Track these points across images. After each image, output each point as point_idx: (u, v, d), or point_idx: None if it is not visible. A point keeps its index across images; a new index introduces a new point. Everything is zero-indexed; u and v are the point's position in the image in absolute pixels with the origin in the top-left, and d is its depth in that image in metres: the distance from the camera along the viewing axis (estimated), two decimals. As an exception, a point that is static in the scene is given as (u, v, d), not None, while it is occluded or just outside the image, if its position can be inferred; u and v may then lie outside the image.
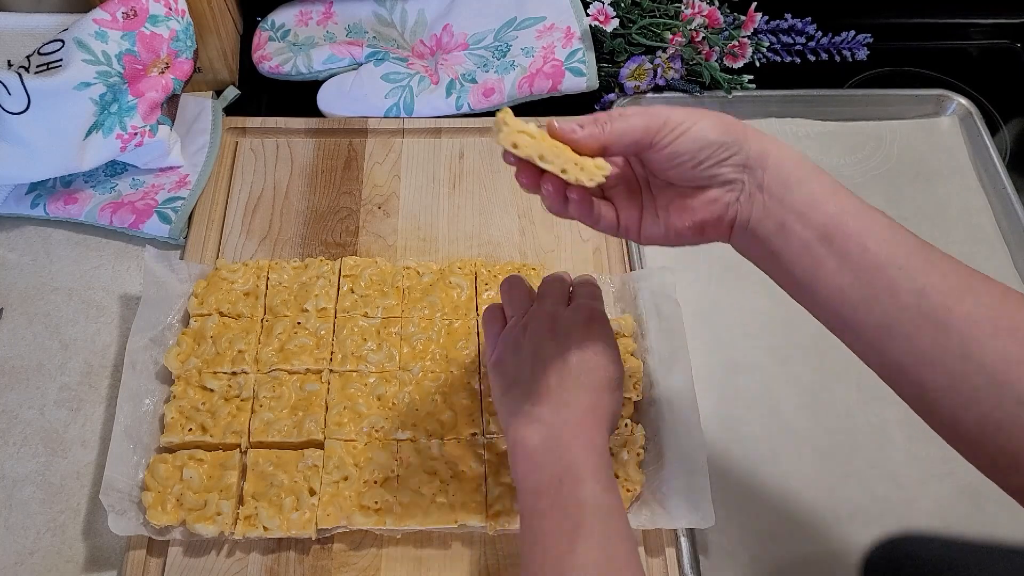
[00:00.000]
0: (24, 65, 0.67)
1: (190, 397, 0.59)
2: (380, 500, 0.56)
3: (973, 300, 0.38)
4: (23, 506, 0.59)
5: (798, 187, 0.42)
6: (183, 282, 0.65)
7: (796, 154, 0.43)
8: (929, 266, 0.39)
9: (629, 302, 0.66)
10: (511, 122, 0.42)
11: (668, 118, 0.42)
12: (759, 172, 0.42)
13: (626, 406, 0.61)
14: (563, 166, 0.42)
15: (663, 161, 0.43)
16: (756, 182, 0.43)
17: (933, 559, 0.55)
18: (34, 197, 0.71)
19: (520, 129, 0.42)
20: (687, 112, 0.43)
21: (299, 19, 0.85)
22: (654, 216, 0.46)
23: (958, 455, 0.63)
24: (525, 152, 0.42)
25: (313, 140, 0.77)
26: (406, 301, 0.65)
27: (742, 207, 0.43)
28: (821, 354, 0.67)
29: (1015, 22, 0.95)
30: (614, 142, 0.43)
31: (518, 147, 0.42)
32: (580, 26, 0.80)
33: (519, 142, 0.42)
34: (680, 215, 0.45)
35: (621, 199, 0.47)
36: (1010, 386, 0.36)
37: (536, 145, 0.42)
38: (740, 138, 0.42)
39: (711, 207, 0.44)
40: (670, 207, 0.45)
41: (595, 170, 0.42)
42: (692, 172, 0.43)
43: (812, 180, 0.42)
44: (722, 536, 0.59)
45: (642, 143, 0.43)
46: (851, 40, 0.86)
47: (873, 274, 0.40)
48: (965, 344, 0.37)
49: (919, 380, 0.39)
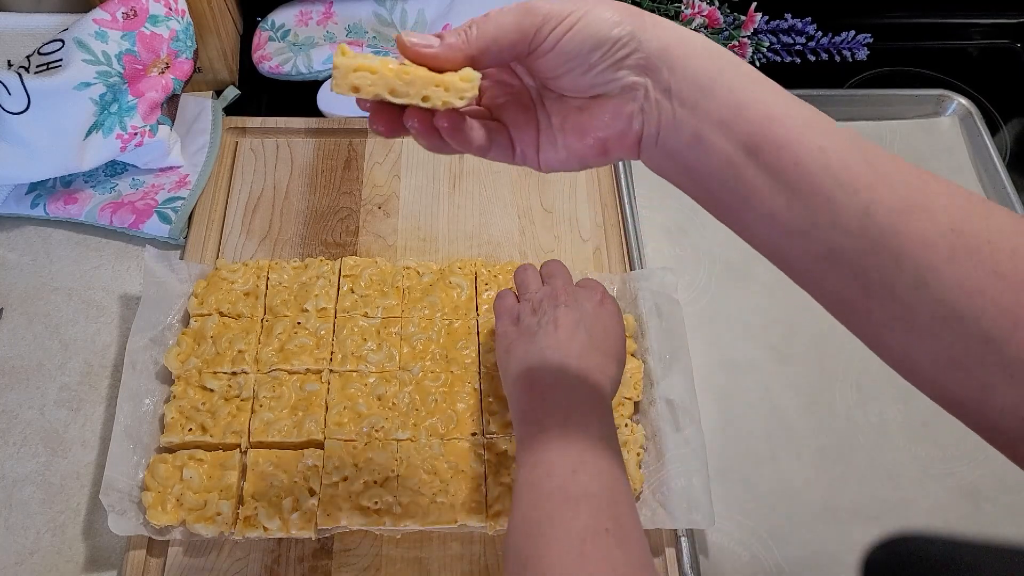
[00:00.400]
0: (24, 65, 0.67)
1: (190, 397, 0.59)
2: (380, 500, 0.56)
3: (928, 217, 0.31)
4: (23, 506, 0.59)
5: (712, 88, 0.34)
6: (183, 282, 0.65)
7: (706, 45, 0.35)
8: (875, 178, 0.32)
9: (629, 302, 0.66)
10: (343, 63, 0.34)
11: (548, 13, 0.34)
12: (663, 73, 0.34)
13: (626, 406, 0.61)
14: (422, 93, 0.34)
15: (549, 68, 0.36)
16: (661, 86, 0.35)
17: (933, 559, 0.55)
18: (34, 197, 0.71)
19: (357, 67, 0.34)
20: (571, 3, 0.35)
21: (299, 19, 0.85)
22: (551, 138, 0.38)
23: (958, 455, 0.63)
24: (371, 92, 0.34)
25: (313, 140, 0.77)
26: (406, 301, 0.65)
27: (648, 118, 0.36)
28: (821, 354, 0.67)
29: (1015, 22, 0.95)
30: (483, 51, 0.35)
31: (360, 90, 0.34)
32: (580, 26, 0.80)
33: (359, 83, 0.34)
34: (578, 134, 0.37)
35: (513, 119, 0.39)
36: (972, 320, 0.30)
37: (382, 80, 0.34)
38: (637, 30, 0.34)
39: (612, 121, 0.36)
40: (566, 125, 0.38)
41: (462, 84, 0.35)
42: (584, 79, 0.35)
43: (729, 77, 0.34)
44: (722, 536, 0.59)
45: (518, 48, 0.35)
46: (851, 40, 0.86)
47: (809, 193, 0.32)
48: (919, 271, 0.31)
49: (866, 312, 0.33)
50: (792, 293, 0.70)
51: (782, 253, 0.35)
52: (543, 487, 0.42)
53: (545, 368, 0.48)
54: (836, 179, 0.32)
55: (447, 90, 0.34)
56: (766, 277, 0.71)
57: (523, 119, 0.39)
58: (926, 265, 0.30)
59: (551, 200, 0.74)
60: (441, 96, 0.34)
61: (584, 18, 0.34)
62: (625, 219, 0.72)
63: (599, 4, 0.35)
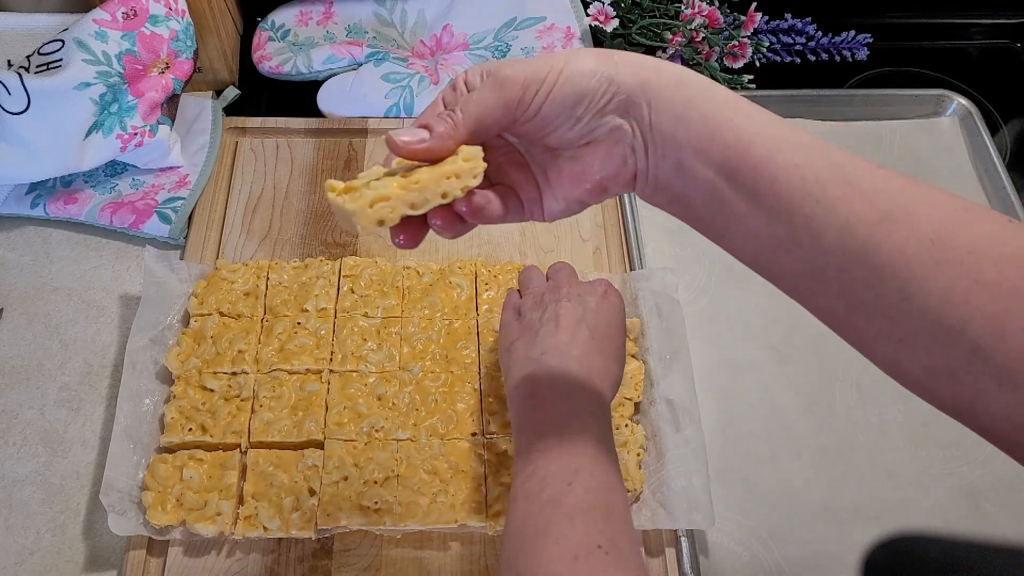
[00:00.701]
0: (24, 65, 0.67)
1: (190, 397, 0.59)
2: (380, 500, 0.56)
3: (908, 228, 0.31)
4: (23, 506, 0.59)
5: (686, 116, 0.34)
6: (183, 282, 0.65)
7: (679, 74, 0.35)
8: (851, 191, 0.32)
9: (630, 302, 0.66)
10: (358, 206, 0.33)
11: (525, 80, 0.35)
12: (643, 108, 0.35)
13: (626, 406, 0.61)
14: (441, 191, 0.34)
15: (535, 130, 0.36)
16: (643, 122, 0.35)
17: (933, 559, 0.55)
18: (34, 197, 0.71)
19: (371, 201, 0.33)
20: (544, 62, 0.35)
21: (299, 19, 0.85)
22: (550, 191, 0.39)
23: (958, 455, 0.63)
24: (395, 218, 0.34)
25: (313, 140, 0.77)
26: (406, 301, 0.65)
27: (638, 156, 0.36)
28: (821, 354, 0.67)
29: (1015, 22, 0.95)
30: (471, 133, 0.35)
31: (385, 221, 0.34)
32: (580, 26, 0.80)
33: (382, 216, 0.34)
34: (575, 182, 0.38)
35: (513, 180, 0.39)
36: (959, 330, 0.29)
37: (399, 202, 0.34)
38: (612, 72, 0.35)
39: (606, 164, 0.37)
40: (562, 176, 0.38)
41: (469, 165, 0.35)
42: (572, 132, 0.36)
43: (700, 103, 0.34)
44: (722, 536, 0.59)
45: (503, 122, 0.35)
46: (851, 40, 0.86)
47: (787, 212, 0.32)
48: (901, 284, 0.30)
49: (854, 327, 0.33)
50: (792, 293, 0.68)
51: (771, 271, 0.35)
52: (538, 498, 0.42)
53: (545, 375, 0.48)
54: (812, 196, 0.32)
55: (459, 177, 0.35)
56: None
57: (522, 177, 0.39)
58: (908, 277, 0.30)
59: (551, 200, 0.74)
60: (457, 185, 0.35)
61: (561, 75, 0.34)
62: (625, 219, 0.72)
63: (571, 56, 0.35)
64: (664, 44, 0.79)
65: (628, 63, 0.35)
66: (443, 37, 0.83)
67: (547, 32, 0.81)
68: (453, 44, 0.83)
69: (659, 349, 0.63)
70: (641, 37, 0.80)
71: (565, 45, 0.79)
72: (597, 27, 0.78)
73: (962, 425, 0.34)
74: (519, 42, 0.81)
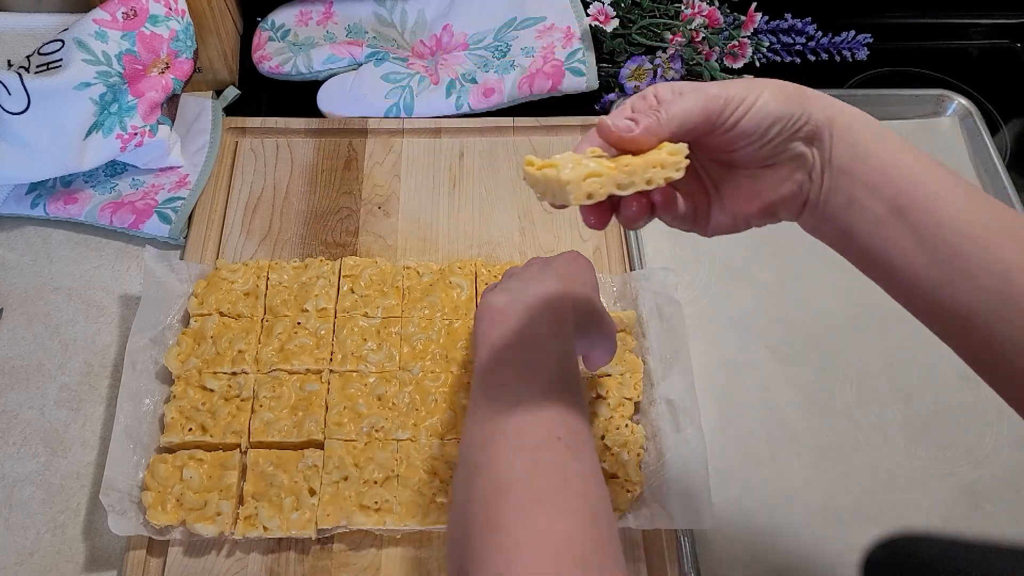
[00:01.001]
0: (24, 65, 0.67)
1: (190, 397, 0.59)
2: (380, 500, 0.56)
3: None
4: (23, 506, 0.59)
5: (866, 155, 0.38)
6: (183, 282, 0.65)
7: (864, 117, 0.39)
8: (1012, 242, 0.34)
9: (630, 302, 0.66)
10: (573, 177, 0.35)
11: (728, 96, 0.38)
12: (826, 142, 0.39)
13: (626, 406, 0.61)
14: (647, 177, 0.37)
15: (726, 144, 0.39)
16: (824, 154, 0.39)
17: (933, 559, 0.55)
18: (34, 197, 0.71)
19: (585, 176, 0.36)
20: (745, 85, 0.38)
21: (299, 19, 0.85)
22: (720, 204, 0.42)
23: (958, 455, 0.63)
24: (603, 194, 0.36)
25: (313, 140, 0.77)
26: (406, 301, 0.65)
27: (813, 184, 0.40)
28: (821, 354, 0.67)
29: (1015, 22, 0.95)
30: (673, 133, 0.38)
31: (594, 195, 0.36)
32: (580, 26, 0.80)
33: (592, 190, 0.36)
34: (748, 200, 0.41)
35: (686, 189, 0.42)
36: None
37: (609, 180, 0.36)
38: (805, 105, 0.38)
39: (781, 187, 0.40)
40: (737, 192, 0.41)
41: (674, 159, 0.37)
42: (759, 152, 0.39)
43: (882, 145, 0.38)
44: (722, 536, 0.59)
45: (701, 128, 0.38)
46: (851, 40, 0.86)
47: (950, 254, 0.35)
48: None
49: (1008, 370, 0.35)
50: (792, 293, 0.71)
51: (925, 309, 0.38)
52: (497, 399, 0.42)
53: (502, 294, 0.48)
54: (975, 241, 0.35)
55: (663, 167, 0.37)
56: (766, 277, 0.71)
57: (696, 188, 0.43)
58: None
59: (551, 200, 0.74)
60: (661, 175, 0.37)
61: (760, 98, 0.38)
62: (625, 219, 0.72)
63: (769, 84, 0.39)
64: (664, 44, 0.79)
65: (819, 98, 0.39)
66: (443, 37, 0.83)
67: (547, 32, 0.81)
68: (453, 44, 0.83)
69: (659, 349, 0.63)
70: (641, 37, 0.80)
71: (565, 45, 0.80)
72: (597, 27, 0.78)
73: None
74: (519, 42, 0.81)
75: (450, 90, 0.78)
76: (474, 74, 0.79)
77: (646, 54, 0.80)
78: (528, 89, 0.78)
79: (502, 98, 0.78)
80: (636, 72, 0.79)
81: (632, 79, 0.80)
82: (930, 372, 0.66)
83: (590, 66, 0.78)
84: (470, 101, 0.78)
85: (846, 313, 0.69)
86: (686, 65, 0.80)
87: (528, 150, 0.77)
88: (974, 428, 0.63)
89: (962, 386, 0.62)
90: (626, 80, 0.80)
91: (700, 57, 0.80)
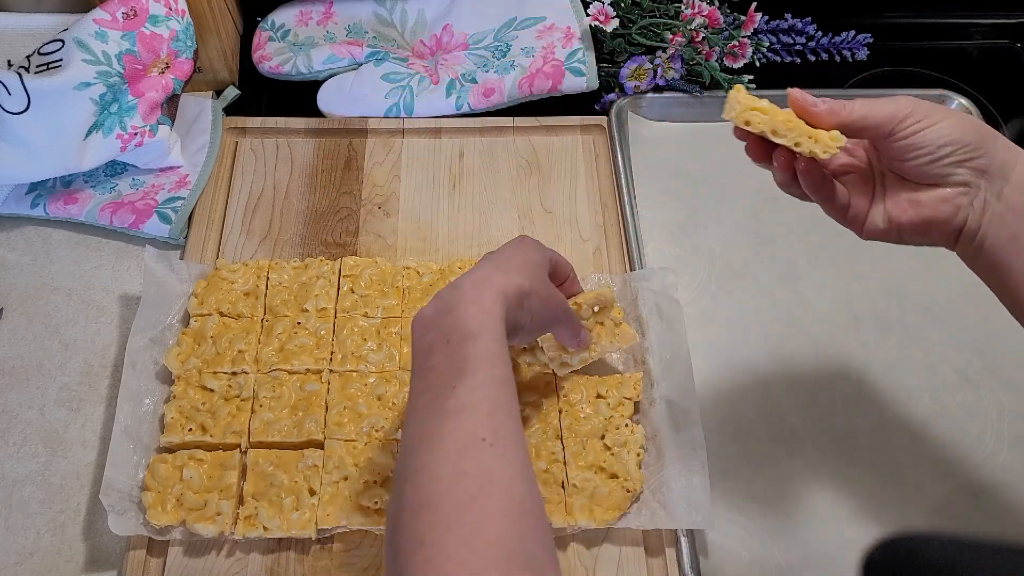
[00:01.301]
0: (24, 65, 0.67)
1: (190, 397, 0.59)
2: (380, 500, 0.56)
3: None
4: (23, 506, 0.59)
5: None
6: (183, 282, 0.65)
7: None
8: None
9: (629, 302, 0.66)
10: (743, 100, 0.44)
11: (914, 109, 0.42)
12: (999, 182, 0.42)
13: (626, 406, 0.61)
14: (796, 139, 0.44)
15: (900, 151, 0.43)
16: (995, 191, 0.42)
17: (933, 559, 0.55)
18: (34, 197, 0.71)
19: (752, 106, 0.44)
20: (934, 107, 0.43)
21: (299, 19, 0.85)
22: (880, 209, 0.46)
23: (958, 455, 0.63)
24: (758, 128, 0.44)
25: (313, 140, 0.77)
26: (406, 301, 0.65)
27: (974, 213, 0.43)
28: (821, 354, 0.67)
29: (1015, 22, 0.95)
30: (852, 122, 0.43)
31: (750, 124, 0.44)
32: (580, 26, 0.80)
33: (751, 119, 0.44)
34: (906, 208, 0.45)
35: (852, 187, 0.47)
36: None
37: (768, 120, 0.44)
38: (987, 143, 0.42)
39: (940, 206, 0.43)
40: (898, 199, 0.45)
41: (829, 142, 0.43)
42: (928, 168, 0.43)
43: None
44: (722, 536, 0.59)
45: (882, 129, 0.43)
46: (851, 40, 0.86)
47: None
48: None
49: None
50: (792, 293, 0.71)
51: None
52: (426, 409, 0.42)
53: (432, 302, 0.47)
54: None
55: (816, 142, 0.43)
56: (766, 277, 0.71)
57: (861, 189, 0.47)
58: None
59: (551, 200, 0.74)
60: (810, 146, 0.43)
61: (944, 120, 0.42)
62: (625, 219, 0.72)
63: (955, 113, 0.43)
64: (664, 44, 0.79)
65: (1005, 142, 0.43)
66: (443, 37, 0.83)
67: (547, 32, 0.81)
68: (453, 44, 0.83)
69: (659, 349, 0.63)
70: (641, 37, 0.80)
71: (565, 45, 0.80)
72: (597, 27, 0.78)
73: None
74: (519, 42, 0.81)
75: (450, 90, 0.78)
76: (474, 74, 0.79)
77: (646, 54, 0.80)
78: (528, 89, 0.78)
79: (502, 98, 0.78)
80: (636, 72, 0.79)
81: (632, 79, 0.80)
82: (930, 372, 0.66)
83: (590, 66, 0.78)
84: (470, 101, 0.78)
85: (846, 313, 0.69)
86: (686, 65, 0.80)
87: (528, 150, 0.77)
88: (974, 428, 0.63)
89: (962, 386, 0.62)
90: (626, 80, 0.80)
91: (700, 57, 0.80)
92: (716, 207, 0.75)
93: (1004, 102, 0.87)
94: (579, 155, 0.77)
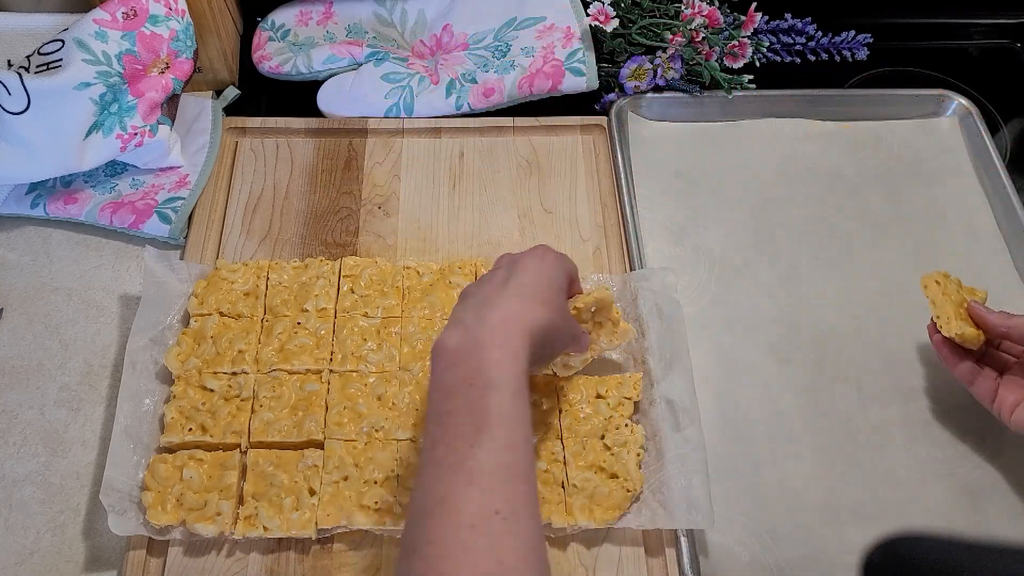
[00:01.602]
0: (24, 65, 0.67)
1: (190, 397, 0.59)
2: (380, 500, 0.56)
3: None
4: (23, 506, 0.59)
5: None
6: (183, 282, 0.65)
7: None
8: None
9: (629, 302, 0.66)
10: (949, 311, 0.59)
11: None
12: None
13: (626, 406, 0.61)
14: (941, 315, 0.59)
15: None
16: None
17: (933, 559, 0.55)
18: (34, 197, 0.71)
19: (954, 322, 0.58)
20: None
21: (299, 19, 0.85)
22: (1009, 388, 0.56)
23: (958, 455, 0.63)
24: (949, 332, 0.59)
25: (313, 140, 0.77)
26: (406, 301, 0.65)
27: None
28: (821, 354, 0.67)
29: (1015, 22, 0.95)
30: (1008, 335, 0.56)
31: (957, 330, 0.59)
32: (580, 26, 0.80)
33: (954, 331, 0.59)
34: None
35: (1013, 380, 0.57)
36: None
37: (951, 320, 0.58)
38: None
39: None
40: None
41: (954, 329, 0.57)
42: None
43: None
44: (722, 536, 0.59)
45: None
46: (851, 40, 0.86)
47: None
48: None
49: None
50: (792, 293, 0.71)
51: None
52: (441, 464, 0.41)
53: (457, 331, 0.46)
54: None
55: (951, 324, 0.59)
56: (766, 277, 0.71)
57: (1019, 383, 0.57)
58: None
59: (551, 200, 0.74)
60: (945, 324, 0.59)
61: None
62: (625, 219, 0.72)
63: None
64: (664, 44, 0.79)
65: None
66: (443, 37, 0.83)
67: (547, 32, 0.81)
68: (453, 44, 0.83)
69: (659, 349, 0.63)
70: (641, 37, 0.80)
71: (565, 45, 0.80)
72: (597, 27, 0.78)
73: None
74: (519, 42, 0.81)
75: (450, 90, 0.78)
76: (474, 74, 0.79)
77: (646, 54, 0.80)
78: (528, 89, 0.78)
79: (502, 98, 0.78)
80: (636, 72, 0.79)
81: (632, 79, 0.80)
82: (930, 372, 0.66)
83: (590, 66, 0.78)
84: (470, 101, 0.78)
85: (846, 313, 0.69)
86: (686, 65, 0.80)
87: (528, 150, 0.77)
88: (974, 428, 0.63)
89: (962, 386, 0.61)
90: (626, 80, 0.80)
91: (700, 57, 0.80)
92: (716, 207, 0.75)
93: (1004, 102, 0.87)
94: (579, 155, 0.77)
